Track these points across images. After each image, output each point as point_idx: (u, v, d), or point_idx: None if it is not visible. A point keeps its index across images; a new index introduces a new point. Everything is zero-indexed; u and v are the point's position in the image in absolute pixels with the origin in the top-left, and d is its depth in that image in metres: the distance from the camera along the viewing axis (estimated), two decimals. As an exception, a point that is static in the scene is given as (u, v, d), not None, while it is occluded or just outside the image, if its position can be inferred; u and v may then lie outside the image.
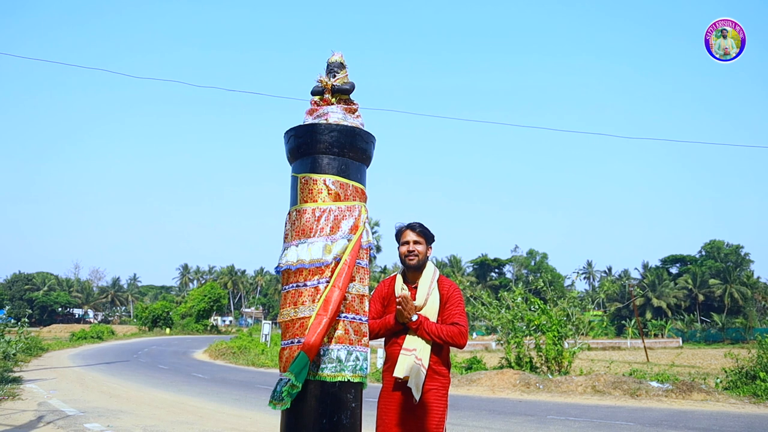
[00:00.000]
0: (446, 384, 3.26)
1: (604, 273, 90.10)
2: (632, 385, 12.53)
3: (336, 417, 3.04)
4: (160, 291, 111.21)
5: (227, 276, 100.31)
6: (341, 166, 3.32)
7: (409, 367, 3.12)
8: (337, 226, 3.21)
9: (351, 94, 3.55)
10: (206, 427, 8.39)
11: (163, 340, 45.58)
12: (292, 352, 3.07)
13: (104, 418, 8.89)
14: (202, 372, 19.07)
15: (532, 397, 12.62)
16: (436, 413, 3.16)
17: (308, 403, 3.04)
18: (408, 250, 3.36)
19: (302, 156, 3.35)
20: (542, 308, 15.83)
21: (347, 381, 3.10)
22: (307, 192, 3.27)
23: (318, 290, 3.11)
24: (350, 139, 3.35)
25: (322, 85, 3.52)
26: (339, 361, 3.08)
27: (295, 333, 3.09)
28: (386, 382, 3.29)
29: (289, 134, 3.42)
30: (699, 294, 74.17)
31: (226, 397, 12.13)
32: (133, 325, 69.17)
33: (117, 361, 22.94)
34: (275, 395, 3.07)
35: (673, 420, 9.38)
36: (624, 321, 65.94)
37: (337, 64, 3.58)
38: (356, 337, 3.16)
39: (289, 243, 3.26)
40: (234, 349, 27.38)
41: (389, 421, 3.20)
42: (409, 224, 3.44)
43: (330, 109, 3.44)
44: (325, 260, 3.14)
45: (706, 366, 23.98)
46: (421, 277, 3.37)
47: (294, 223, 3.28)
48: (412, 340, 3.21)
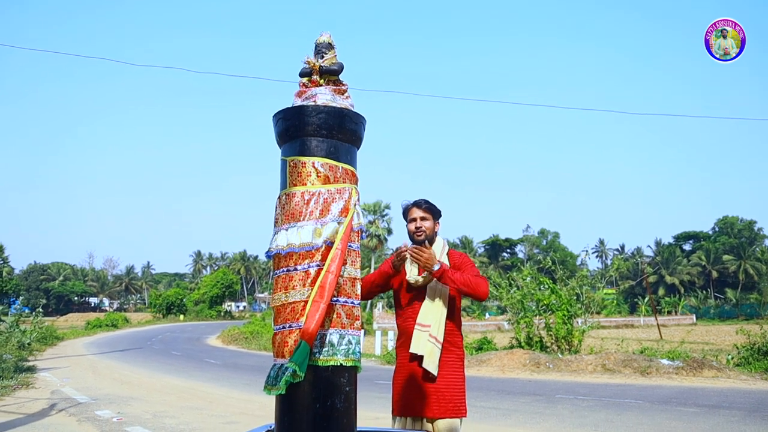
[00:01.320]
0: (461, 355, 3.31)
1: (616, 251, 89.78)
2: (642, 363, 12.48)
3: (330, 401, 3.01)
4: (174, 278, 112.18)
5: (240, 262, 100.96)
6: (330, 148, 3.26)
7: (424, 343, 3.14)
8: (326, 209, 3.16)
9: (340, 74, 3.48)
10: (215, 411, 8.46)
11: (177, 326, 46.13)
12: (284, 337, 3.03)
13: (115, 405, 8.99)
14: (214, 357, 19.27)
15: (541, 377, 12.62)
16: (456, 385, 3.20)
17: (302, 388, 3.00)
18: (416, 227, 3.38)
19: (290, 139, 3.29)
20: (552, 288, 15.77)
21: (340, 365, 3.06)
22: (296, 175, 3.21)
23: (308, 274, 3.06)
24: (339, 121, 3.28)
25: (309, 66, 3.45)
26: (331, 345, 3.04)
27: (287, 318, 3.06)
28: (401, 357, 3.30)
29: (277, 117, 3.36)
30: (713, 270, 73.72)
31: (237, 382, 12.24)
32: (148, 312, 69.96)
33: (131, 348, 23.23)
34: (269, 380, 3.05)
35: (682, 397, 9.34)
36: (637, 299, 65.77)
37: (325, 45, 3.50)
38: (348, 321, 3.12)
39: (279, 227, 3.21)
40: (246, 335, 27.65)
41: (408, 396, 3.20)
42: (415, 201, 3.45)
43: (318, 91, 3.37)
44: (315, 244, 3.09)
45: (720, 342, 23.89)
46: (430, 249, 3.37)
47: (283, 207, 3.23)
48: (426, 317, 3.21)
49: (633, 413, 7.89)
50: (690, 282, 74.72)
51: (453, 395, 3.16)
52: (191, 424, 7.48)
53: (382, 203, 59.95)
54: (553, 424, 7.28)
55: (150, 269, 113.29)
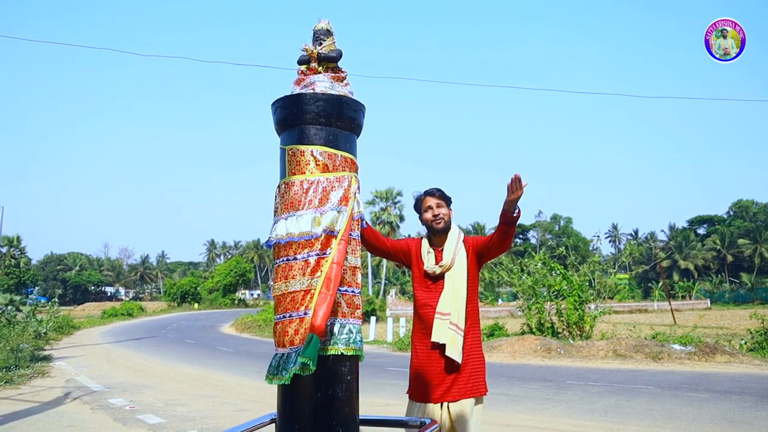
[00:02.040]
0: (480, 336, 3.35)
1: (630, 236, 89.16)
2: (654, 348, 12.41)
3: (331, 390, 3.01)
4: (188, 267, 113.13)
5: (253, 250, 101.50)
6: (329, 136, 3.24)
7: (445, 332, 3.17)
8: (325, 197, 3.15)
9: (338, 61, 3.45)
10: (226, 399, 8.54)
11: (191, 315, 46.57)
12: (284, 327, 3.04)
13: (128, 393, 9.10)
14: (227, 345, 19.43)
15: (552, 363, 12.59)
16: (476, 366, 3.25)
17: (303, 378, 3.00)
18: (434, 215, 3.39)
19: (289, 127, 3.28)
20: (563, 273, 15.69)
21: (341, 354, 3.06)
22: (295, 164, 3.20)
23: (308, 263, 3.06)
24: (337, 108, 3.26)
25: (308, 53, 3.42)
26: (332, 335, 3.04)
27: (287, 307, 3.06)
28: (421, 345, 3.32)
29: (276, 105, 3.35)
30: (728, 254, 73.00)
31: (249, 369, 12.33)
32: (163, 301, 70.65)
33: (145, 337, 23.49)
34: (271, 370, 3.06)
35: (693, 383, 9.28)
36: (651, 284, 65.31)
37: (324, 32, 3.47)
38: (349, 310, 3.12)
39: (279, 216, 3.21)
40: (260, 322, 27.85)
41: (430, 382, 3.22)
42: (428, 191, 3.47)
43: (316, 78, 3.34)
44: (314, 233, 3.08)
45: (734, 327, 23.69)
46: (447, 239, 3.41)
47: (283, 196, 3.22)
48: (446, 305, 3.23)
49: (643, 399, 7.85)
50: (704, 266, 74.07)
51: (472, 376, 3.21)
52: (202, 411, 7.55)
53: (394, 190, 59.91)
54: (563, 410, 7.26)
55: (164, 258, 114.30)
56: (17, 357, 12.38)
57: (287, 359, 3.04)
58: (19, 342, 14.79)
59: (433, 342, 3.20)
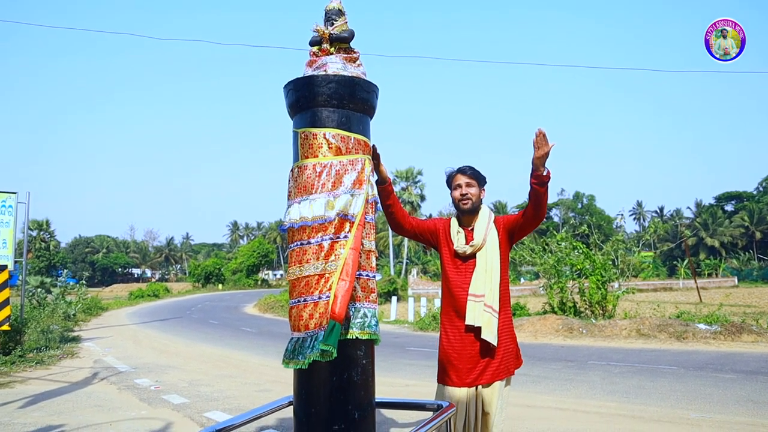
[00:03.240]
0: (511, 316, 3.33)
1: (655, 213, 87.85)
2: (678, 327, 12.25)
3: (346, 374, 3.01)
4: (212, 248, 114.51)
5: (276, 231, 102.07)
6: (342, 118, 3.19)
7: (480, 314, 3.12)
8: (339, 181, 3.11)
9: (351, 42, 3.39)
10: (248, 379, 8.65)
11: (215, 296, 47.24)
12: (299, 311, 3.03)
13: (153, 373, 9.27)
14: (250, 326, 19.67)
15: (574, 342, 12.51)
16: (511, 347, 3.25)
17: (319, 362, 3.01)
18: (461, 194, 3.31)
19: (301, 110, 3.24)
20: (585, 252, 15.53)
21: (356, 338, 3.05)
22: (308, 147, 3.17)
23: (322, 247, 3.04)
24: (350, 90, 3.21)
25: (319, 34, 3.37)
26: (347, 319, 3.03)
27: (301, 292, 3.05)
28: (452, 327, 3.26)
29: (288, 88, 3.30)
30: (756, 231, 71.60)
31: (271, 350, 12.47)
32: (188, 282, 71.72)
33: (170, 317, 23.89)
34: (287, 354, 3.06)
35: (719, 363, 9.15)
36: (676, 261, 64.41)
37: (335, 11, 3.41)
38: (363, 294, 3.11)
39: (292, 201, 3.19)
40: (282, 303, 28.12)
41: (465, 366, 3.18)
42: (459, 168, 3.38)
43: (328, 60, 3.29)
44: (328, 216, 3.06)
45: (762, 305, 23.29)
46: (477, 219, 3.34)
47: (296, 179, 3.20)
48: (479, 286, 3.18)
49: (666, 380, 7.77)
50: (732, 244, 72.77)
51: (504, 357, 3.20)
52: (225, 391, 7.66)
53: (415, 169, 59.70)
54: (583, 390, 7.21)
55: (189, 240, 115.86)
56: (47, 338, 12.68)
57: (303, 343, 3.04)
58: (49, 323, 15.14)
59: (467, 325, 3.16)
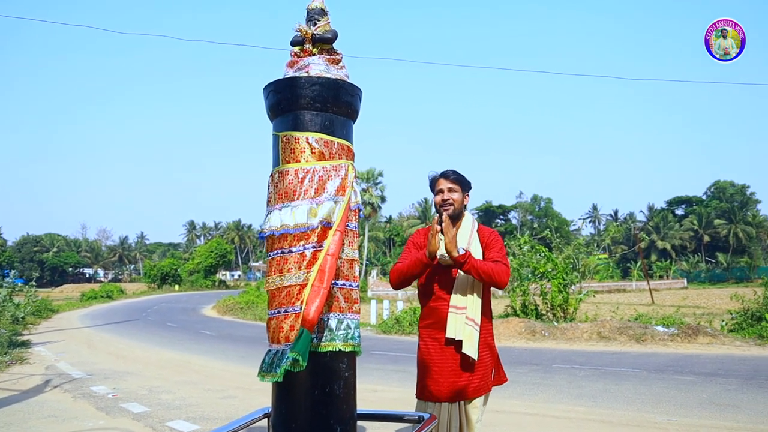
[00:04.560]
0: (492, 329, 3.24)
1: (609, 216, 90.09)
2: (638, 330, 12.52)
3: (328, 387, 2.90)
4: (168, 248, 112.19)
5: (234, 231, 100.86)
6: (325, 122, 3.08)
7: (462, 327, 3.01)
8: (322, 187, 3.00)
9: (334, 43, 3.28)
10: (211, 386, 8.41)
11: (172, 297, 46.21)
12: (279, 322, 2.91)
13: (110, 380, 8.93)
14: (209, 329, 19.26)
15: (537, 345, 12.65)
16: (491, 362, 3.16)
17: (299, 374, 2.89)
18: (443, 199, 3.19)
19: (283, 113, 3.12)
20: (548, 256, 15.73)
21: (339, 350, 2.94)
22: (289, 151, 3.04)
23: (304, 256, 2.92)
24: (334, 93, 3.10)
25: (301, 34, 3.24)
26: (330, 330, 2.93)
27: (282, 302, 2.93)
28: (431, 339, 3.16)
29: (268, 89, 3.17)
30: (704, 235, 74.21)
31: (232, 354, 12.21)
32: (143, 282, 69.99)
33: (126, 320, 23.20)
34: (264, 367, 2.93)
35: (678, 365, 9.36)
36: (629, 263, 66.17)
37: (318, 11, 3.29)
38: (347, 305, 3.00)
39: (272, 207, 3.06)
40: (241, 305, 27.68)
41: (445, 381, 3.07)
42: (443, 172, 3.26)
43: (311, 61, 3.17)
44: (311, 224, 2.94)
45: (711, 306, 24.12)
46: (460, 226, 3.22)
47: (276, 185, 3.07)
48: (461, 298, 3.07)
49: (630, 383, 7.89)
50: (682, 246, 75.25)
51: (486, 372, 3.11)
52: (188, 399, 7.42)
53: (375, 170, 59.62)
54: (551, 395, 7.26)
55: (144, 239, 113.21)
56: (-6, 343, 12.10)
57: (282, 356, 2.92)
58: (-4, 327, 14.47)
59: (447, 338, 3.05)
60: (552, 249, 16.67)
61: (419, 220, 79.78)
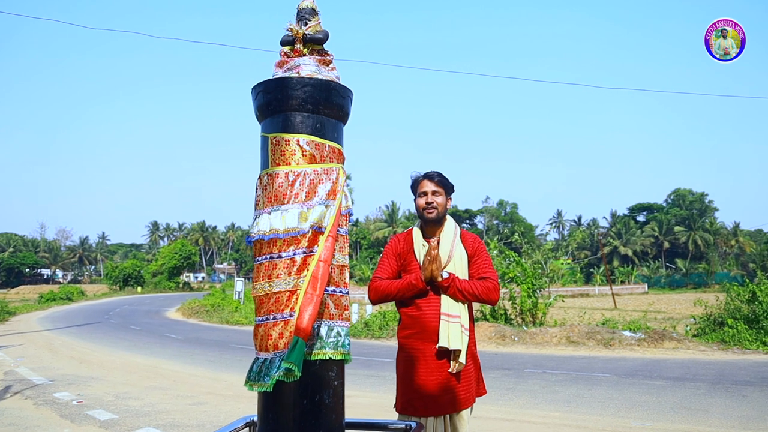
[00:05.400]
0: (475, 339, 3.10)
1: (573, 222, 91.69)
2: (605, 335, 12.71)
3: (318, 397, 2.82)
4: (130, 249, 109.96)
5: (198, 232, 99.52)
6: (316, 124, 3.00)
7: (458, 336, 2.87)
8: (313, 191, 2.92)
9: (325, 43, 3.20)
10: (180, 392, 8.21)
11: (134, 299, 45.18)
12: (267, 330, 2.81)
13: (74, 386, 8.64)
14: (175, 332, 18.86)
15: (507, 350, 12.72)
16: (477, 371, 3.06)
17: (288, 384, 2.80)
18: (426, 202, 3.06)
19: (272, 114, 3.03)
20: (517, 260, 15.87)
21: (329, 358, 2.87)
22: (279, 154, 2.96)
23: (294, 262, 2.83)
24: (326, 94, 3.03)
25: (292, 33, 3.16)
26: (320, 338, 2.84)
27: (270, 309, 2.84)
28: (417, 351, 2.99)
29: (258, 89, 3.09)
30: (665, 241, 76.05)
31: (201, 359, 11.96)
32: (104, 284, 68.35)
33: (87, 323, 22.57)
34: (252, 375, 2.83)
35: (647, 369, 9.52)
36: (592, 268, 67.45)
37: (309, 11, 3.21)
38: (337, 311, 2.92)
39: (261, 210, 2.96)
40: (207, 307, 27.21)
41: (433, 393, 2.92)
42: (427, 174, 3.13)
43: (302, 61, 3.09)
44: (301, 229, 2.85)
45: (671, 311, 24.70)
46: (442, 231, 3.10)
47: (265, 188, 2.98)
48: (452, 305, 2.93)
49: (602, 388, 7.98)
50: (643, 252, 76.95)
51: (472, 382, 3.01)
52: (157, 405, 7.22)
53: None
54: (526, 400, 7.29)
55: (105, 240, 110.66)
56: (-51, 347, 11.61)
57: (270, 364, 2.83)
58: (-50, 330, 13.91)
59: (439, 347, 2.90)
60: (521, 254, 16.83)
61: (386, 223, 79.85)
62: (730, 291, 13.80)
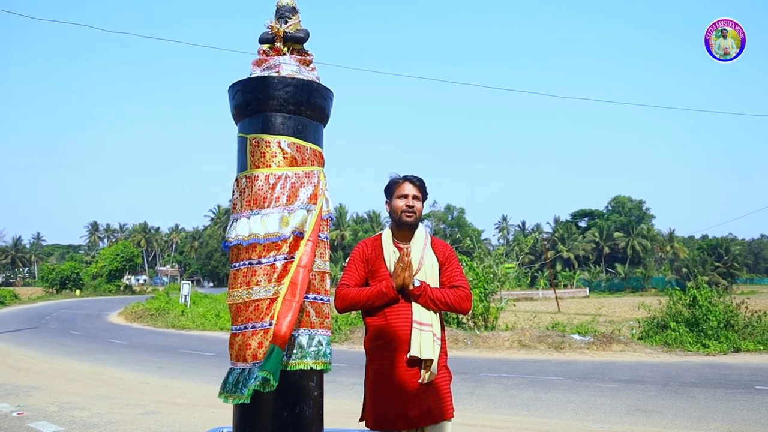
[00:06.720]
0: (446, 347, 3.02)
1: (518, 227, 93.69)
2: (556, 338, 12.97)
3: (298, 408, 2.71)
4: (68, 250, 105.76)
5: (140, 234, 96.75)
6: (297, 126, 2.91)
7: (430, 345, 2.78)
8: (294, 194, 2.82)
9: (305, 43, 3.11)
10: (129, 400, 7.87)
11: (73, 302, 43.37)
12: (245, 339, 2.70)
13: (14, 396, 8.17)
14: (119, 337, 18.17)
15: (461, 354, 12.81)
16: (448, 382, 2.96)
17: (266, 394, 2.68)
18: (407, 205, 2.97)
19: (252, 114, 2.91)
20: (469, 265, 16.03)
21: (309, 369, 2.77)
22: (259, 156, 2.84)
23: (274, 268, 2.72)
24: (307, 95, 2.93)
25: (272, 31, 3.05)
26: (300, 347, 2.74)
27: (249, 317, 2.72)
28: (387, 360, 2.86)
29: (236, 88, 2.96)
30: (605, 246, 78.63)
31: (149, 365, 11.54)
32: (39, 287, 65.30)
33: (23, 328, 21.49)
34: (228, 387, 2.71)
35: (598, 372, 9.75)
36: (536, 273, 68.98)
37: (289, 9, 3.11)
38: (318, 320, 2.82)
39: (239, 214, 2.84)
40: (152, 311, 26.37)
41: (404, 405, 2.80)
42: (407, 177, 3.04)
43: (282, 60, 2.98)
44: (282, 234, 2.74)
45: (612, 314, 25.50)
46: (414, 237, 3.00)
47: (243, 191, 2.85)
48: (424, 313, 2.84)
49: (558, 391, 8.11)
50: (584, 257, 79.36)
51: (446, 393, 2.92)
52: (105, 416, 6.90)
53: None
54: (486, 405, 7.33)
55: (40, 241, 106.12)
56: None
57: (249, 375, 2.70)
58: None
59: (411, 357, 2.79)
60: (473, 258, 17.02)
61: (334, 226, 79.61)
62: (671, 295, 14.32)
